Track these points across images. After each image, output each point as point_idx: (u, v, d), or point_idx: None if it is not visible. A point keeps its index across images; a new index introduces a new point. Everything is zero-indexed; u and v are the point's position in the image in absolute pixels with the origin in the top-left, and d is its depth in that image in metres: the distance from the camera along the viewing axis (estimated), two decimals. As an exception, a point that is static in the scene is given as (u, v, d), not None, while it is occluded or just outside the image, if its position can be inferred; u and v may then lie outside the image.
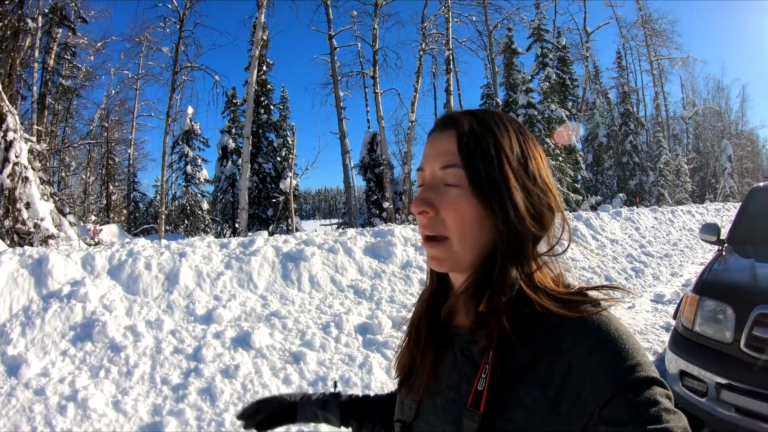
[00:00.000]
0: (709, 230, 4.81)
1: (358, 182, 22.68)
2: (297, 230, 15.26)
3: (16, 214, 8.76)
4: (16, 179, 8.82)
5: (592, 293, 0.75)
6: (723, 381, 3.10)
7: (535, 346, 0.70)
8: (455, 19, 20.77)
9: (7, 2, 14.53)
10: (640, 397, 0.61)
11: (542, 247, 0.79)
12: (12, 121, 9.06)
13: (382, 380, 4.49)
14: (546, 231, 0.78)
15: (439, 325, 0.88)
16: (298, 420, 1.15)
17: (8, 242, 8.35)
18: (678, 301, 4.96)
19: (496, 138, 0.77)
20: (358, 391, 4.26)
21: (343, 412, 1.14)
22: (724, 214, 19.62)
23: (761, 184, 5.37)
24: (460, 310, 0.86)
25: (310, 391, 4.21)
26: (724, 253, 4.40)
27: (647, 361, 0.65)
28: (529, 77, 22.87)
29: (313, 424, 1.28)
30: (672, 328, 3.98)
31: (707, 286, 3.62)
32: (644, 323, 6.46)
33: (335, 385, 1.22)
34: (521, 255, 0.76)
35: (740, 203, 5.22)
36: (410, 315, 0.98)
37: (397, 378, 0.96)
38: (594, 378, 0.64)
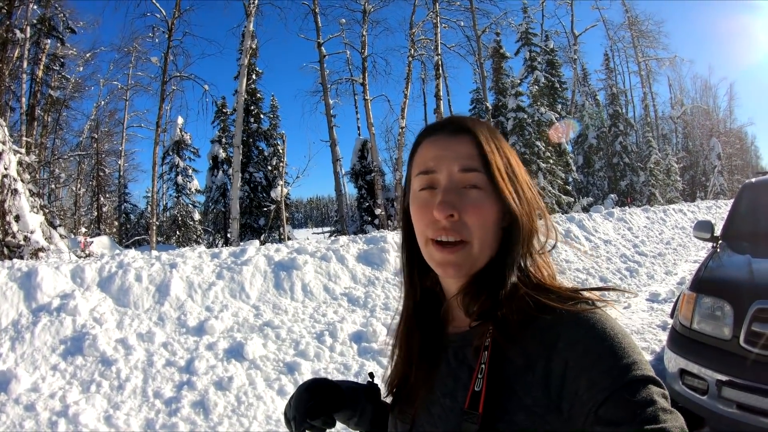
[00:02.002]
0: (703, 227, 4.81)
1: (350, 189, 22.63)
2: (289, 239, 15.20)
3: (6, 227, 8.65)
4: (5, 192, 8.71)
5: (588, 294, 0.75)
6: (724, 378, 3.08)
7: (530, 345, 0.70)
8: (443, 25, 20.83)
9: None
10: (637, 396, 0.60)
11: (535, 244, 0.81)
12: (0, 132, 8.96)
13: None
14: (538, 228, 0.81)
15: (431, 337, 0.87)
16: (344, 409, 0.99)
17: (-2, 256, 8.25)
18: (674, 300, 4.95)
19: (503, 145, 0.81)
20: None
21: (378, 409, 1.02)
22: (716, 212, 19.77)
23: (753, 180, 5.39)
24: (454, 316, 0.85)
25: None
26: (718, 250, 4.39)
27: (643, 360, 0.64)
28: (518, 81, 22.98)
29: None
30: (669, 326, 3.96)
31: (704, 283, 3.61)
32: (641, 323, 6.45)
33: (372, 377, 1.07)
34: (527, 249, 0.79)
35: (731, 200, 5.24)
36: (393, 331, 0.96)
37: (388, 396, 0.94)
38: (590, 377, 0.63)
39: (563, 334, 0.68)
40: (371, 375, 1.10)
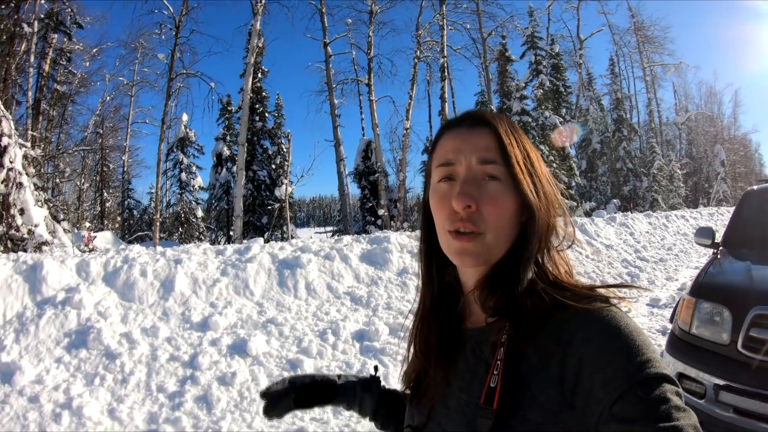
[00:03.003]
0: (704, 234, 4.83)
1: (353, 190, 22.63)
2: (292, 237, 15.23)
3: (10, 220, 8.70)
4: (10, 185, 8.76)
5: (604, 291, 0.75)
6: (721, 382, 3.10)
7: (546, 342, 0.70)
8: (450, 27, 20.89)
9: (3, 6, 14.54)
10: (651, 394, 0.60)
11: (554, 240, 0.81)
12: (7, 126, 9.00)
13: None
14: (556, 224, 0.81)
15: (448, 332, 0.87)
16: (335, 401, 1.08)
17: (2, 248, 8.30)
18: (674, 305, 4.97)
19: (522, 139, 0.81)
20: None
21: (380, 398, 1.09)
22: (718, 218, 19.73)
23: (755, 187, 5.40)
24: (472, 312, 0.86)
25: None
26: (719, 256, 4.41)
27: (657, 358, 0.64)
28: (523, 84, 23.03)
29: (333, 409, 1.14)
30: (669, 331, 3.99)
31: (703, 288, 3.63)
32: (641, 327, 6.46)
33: (376, 369, 1.15)
34: (544, 245, 0.79)
35: (734, 207, 5.25)
36: (409, 325, 0.97)
37: (405, 389, 0.95)
38: (605, 374, 0.63)
39: (578, 331, 0.68)
40: (375, 368, 1.14)
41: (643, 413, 0.59)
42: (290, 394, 1.05)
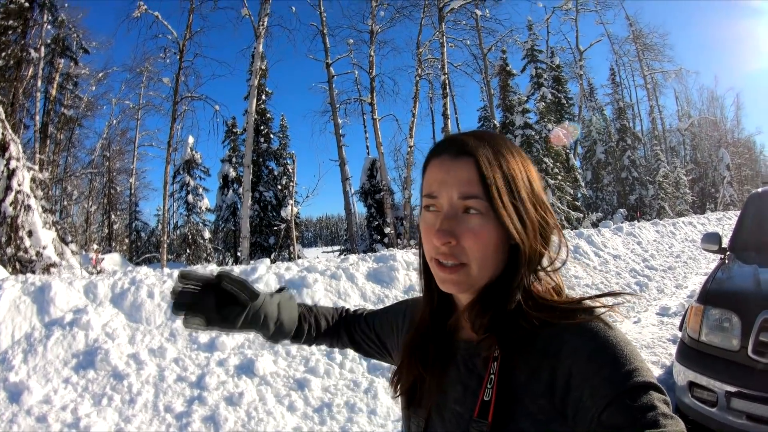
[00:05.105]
0: (711, 239, 4.80)
1: (359, 208, 22.55)
2: (299, 258, 15.23)
3: (18, 242, 8.78)
4: (18, 207, 8.86)
5: (591, 302, 0.77)
6: (732, 389, 3.07)
7: (536, 354, 0.73)
8: (450, 44, 21.00)
9: (10, 32, 14.81)
10: (638, 402, 0.61)
11: (544, 261, 0.82)
12: (15, 149, 9.12)
13: (388, 405, 4.43)
14: (548, 246, 0.81)
15: (442, 343, 0.90)
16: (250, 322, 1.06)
17: (10, 270, 8.35)
18: (683, 313, 4.94)
19: (509, 164, 0.79)
20: (364, 418, 4.23)
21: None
22: (726, 223, 19.59)
23: (759, 189, 5.38)
24: (463, 325, 0.88)
25: (316, 418, 4.19)
26: (726, 262, 4.39)
27: (644, 367, 0.66)
28: (525, 98, 23.05)
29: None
30: (679, 340, 3.95)
31: (711, 295, 3.60)
32: (651, 337, 6.41)
33: (282, 289, 1.18)
34: (532, 269, 0.80)
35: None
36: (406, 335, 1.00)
37: (397, 397, 0.97)
38: (593, 384, 0.65)
39: (566, 343, 0.70)
40: (283, 288, 1.18)
41: (631, 420, 0.60)
42: (211, 296, 1.00)
